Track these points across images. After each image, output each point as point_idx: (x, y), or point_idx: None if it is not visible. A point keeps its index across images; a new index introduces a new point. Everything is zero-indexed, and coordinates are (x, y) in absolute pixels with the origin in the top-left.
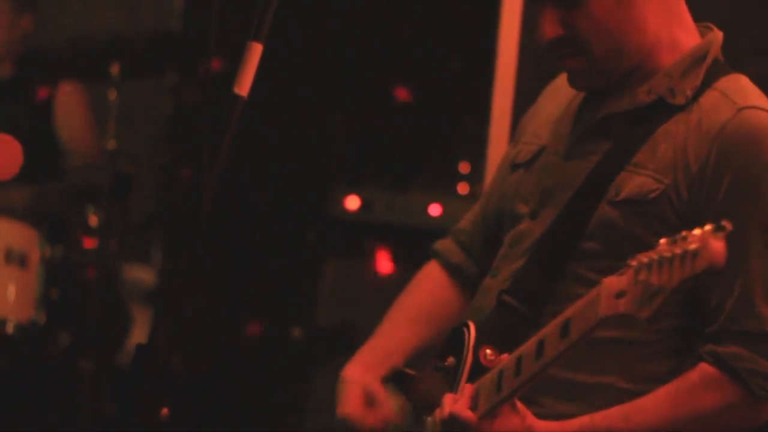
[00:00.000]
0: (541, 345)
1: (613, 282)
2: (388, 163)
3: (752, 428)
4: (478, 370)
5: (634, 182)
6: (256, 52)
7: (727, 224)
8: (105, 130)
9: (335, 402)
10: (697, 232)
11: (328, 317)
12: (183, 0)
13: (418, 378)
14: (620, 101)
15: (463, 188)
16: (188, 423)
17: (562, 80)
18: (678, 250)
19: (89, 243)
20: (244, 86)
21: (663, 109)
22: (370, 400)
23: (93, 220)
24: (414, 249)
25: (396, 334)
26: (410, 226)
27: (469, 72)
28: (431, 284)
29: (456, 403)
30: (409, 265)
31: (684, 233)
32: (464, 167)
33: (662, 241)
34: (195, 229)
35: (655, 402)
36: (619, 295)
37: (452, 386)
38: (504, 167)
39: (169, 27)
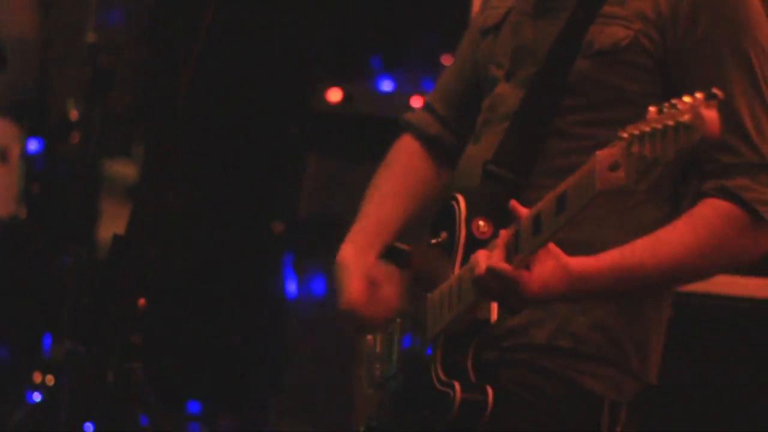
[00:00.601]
0: (537, 220)
1: (604, 154)
2: (369, 55)
3: (758, 254)
4: (473, 242)
5: (605, 33)
6: None
7: (718, 92)
8: (84, 23)
9: (336, 282)
10: (687, 100)
11: (309, 210)
12: None
13: (413, 253)
14: None
15: None
16: (167, 314)
17: None
18: (670, 122)
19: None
20: None
21: None
22: (371, 284)
23: (73, 115)
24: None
25: (382, 211)
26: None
27: None
28: (409, 158)
29: (491, 258)
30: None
31: (673, 101)
32: (446, 60)
33: (651, 109)
34: (171, 123)
35: (677, 234)
36: (613, 167)
37: (449, 261)
38: (473, 34)
39: None
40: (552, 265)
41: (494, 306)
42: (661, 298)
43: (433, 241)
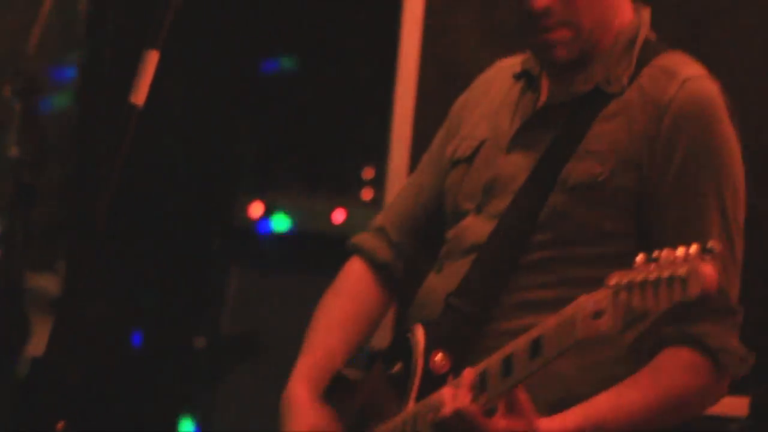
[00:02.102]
0: (509, 363)
1: (588, 301)
2: (291, 170)
3: (720, 399)
4: (429, 375)
5: (582, 168)
6: (152, 60)
7: (715, 245)
8: (7, 139)
9: (282, 418)
10: (680, 252)
11: (232, 326)
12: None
13: (361, 383)
14: (561, 92)
15: (367, 194)
16: None
17: (492, 73)
18: (665, 274)
19: None
20: (140, 95)
21: (601, 96)
22: (320, 424)
23: None
24: (318, 255)
25: (331, 341)
26: (314, 232)
27: (372, 77)
28: (358, 284)
29: (457, 398)
30: (313, 271)
31: (665, 252)
32: (368, 173)
33: (638, 258)
34: (92, 239)
35: (640, 391)
36: (597, 315)
37: (402, 393)
38: (435, 162)
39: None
40: (522, 425)
41: None
42: None
43: (388, 370)
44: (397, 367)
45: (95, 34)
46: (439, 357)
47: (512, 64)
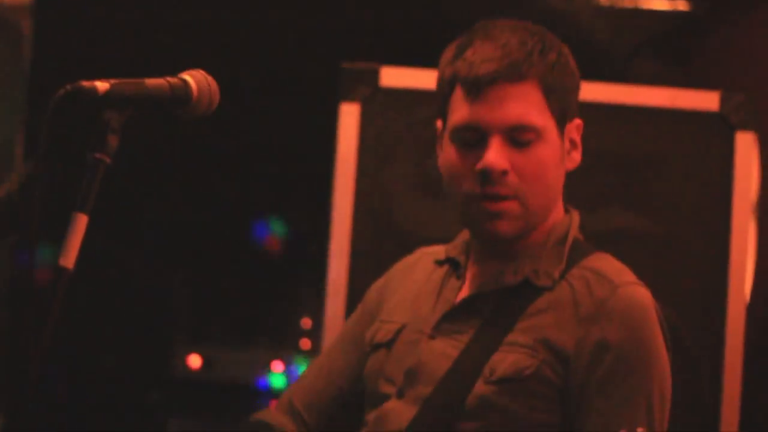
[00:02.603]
0: None
1: None
2: (229, 321)
3: None
4: None
5: (508, 360)
6: (81, 223)
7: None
8: None
9: None
10: None
11: None
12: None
13: None
14: (487, 281)
15: (305, 344)
16: None
17: (413, 259)
18: None
19: None
20: (69, 258)
21: (530, 289)
22: None
23: None
24: (258, 406)
25: None
26: (254, 383)
27: (307, 229)
28: None
29: None
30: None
31: None
32: (306, 323)
33: None
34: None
35: None
36: None
37: None
38: (350, 343)
39: None
40: None
41: None
42: None
43: None
44: None
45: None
46: None
47: (435, 251)
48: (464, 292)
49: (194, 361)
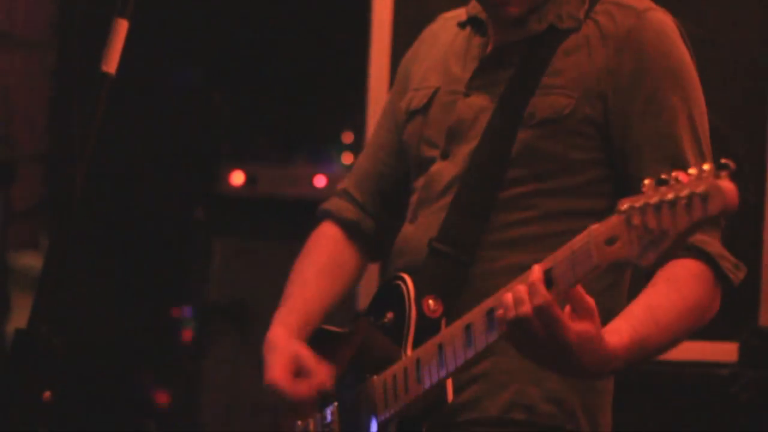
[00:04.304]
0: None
1: (600, 229)
2: (271, 137)
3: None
4: (424, 321)
5: (546, 103)
6: (122, 28)
7: (729, 162)
8: None
9: (263, 360)
10: (693, 172)
11: (218, 295)
12: None
13: (348, 336)
14: (513, 32)
15: (347, 158)
16: (72, 406)
17: (437, 26)
18: (682, 193)
19: None
20: (111, 64)
21: (557, 33)
22: (299, 368)
23: None
24: (302, 221)
25: (308, 293)
26: (297, 198)
27: (347, 43)
28: (329, 242)
29: (536, 296)
30: (297, 237)
31: (675, 173)
32: (347, 137)
33: (646, 182)
34: (71, 214)
35: (669, 301)
36: (610, 240)
37: (398, 341)
38: (390, 118)
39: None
40: (592, 328)
41: (449, 384)
42: None
43: (378, 321)
44: (389, 316)
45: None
46: (431, 302)
47: (456, 14)
48: (491, 47)
49: (237, 177)
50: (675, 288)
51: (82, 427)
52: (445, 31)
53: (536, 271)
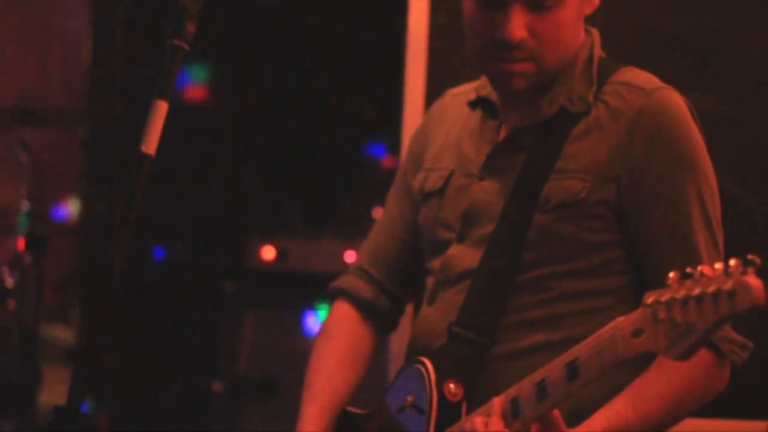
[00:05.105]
0: (542, 386)
1: (626, 321)
2: (301, 212)
3: (720, 390)
4: (445, 404)
5: (562, 187)
6: (161, 110)
7: (755, 258)
8: (18, 192)
9: None
10: (719, 267)
11: (248, 369)
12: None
13: (370, 417)
14: (524, 115)
15: None
16: None
17: (445, 102)
18: (709, 289)
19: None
20: (150, 144)
21: (568, 116)
22: None
23: (9, 282)
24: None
25: (335, 383)
26: (327, 273)
27: (378, 119)
28: (349, 325)
29: (490, 425)
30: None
31: (700, 268)
32: (377, 213)
33: (671, 276)
34: (108, 287)
35: (654, 388)
36: (636, 333)
37: (418, 424)
38: (403, 193)
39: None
40: None
41: None
42: None
43: (399, 404)
44: (409, 400)
45: (102, 85)
46: (452, 386)
47: (464, 91)
48: (504, 130)
49: (268, 252)
50: (665, 374)
51: None
52: (454, 109)
53: (497, 404)
